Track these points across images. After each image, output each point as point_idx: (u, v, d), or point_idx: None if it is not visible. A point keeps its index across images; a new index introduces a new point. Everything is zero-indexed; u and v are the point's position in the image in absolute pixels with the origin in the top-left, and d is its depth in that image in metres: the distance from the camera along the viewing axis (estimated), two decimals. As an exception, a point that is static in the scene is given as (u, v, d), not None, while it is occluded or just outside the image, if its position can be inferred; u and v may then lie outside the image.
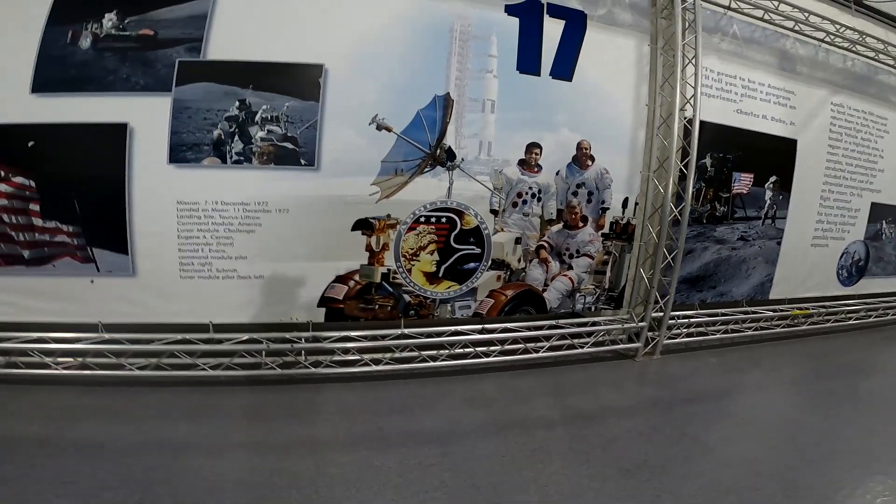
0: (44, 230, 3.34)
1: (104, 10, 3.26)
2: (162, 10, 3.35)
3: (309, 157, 3.53)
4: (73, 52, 3.24)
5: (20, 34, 3.20)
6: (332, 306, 3.79)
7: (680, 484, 2.62)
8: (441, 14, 3.72)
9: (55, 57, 3.22)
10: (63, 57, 3.24)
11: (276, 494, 2.46)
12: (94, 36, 3.26)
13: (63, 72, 3.23)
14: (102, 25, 3.27)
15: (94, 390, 3.38)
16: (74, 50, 3.24)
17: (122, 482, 2.45)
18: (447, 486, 2.62)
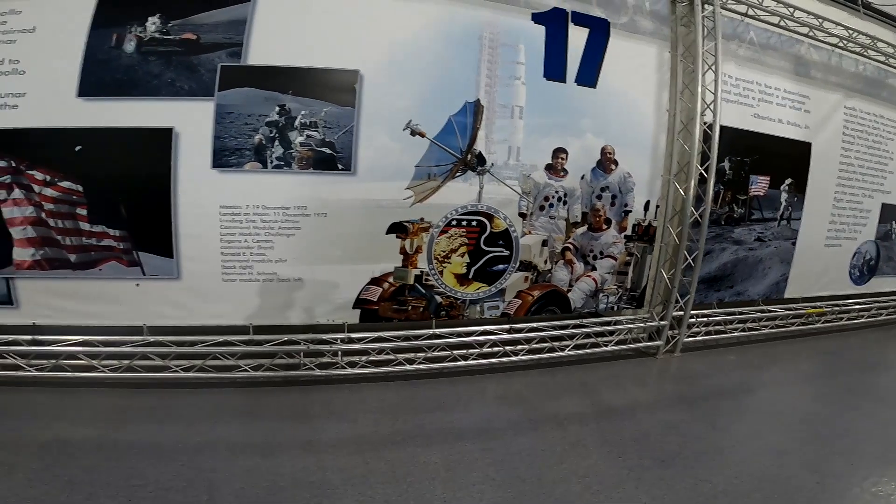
0: (91, 234, 3.46)
1: (147, 14, 3.38)
2: (203, 14, 3.46)
3: (346, 161, 3.67)
4: (118, 55, 3.35)
5: (65, 37, 3.30)
6: (367, 308, 3.94)
7: (716, 473, 2.79)
8: (471, 22, 3.87)
9: (100, 60, 3.33)
10: (108, 61, 3.34)
11: (333, 492, 2.58)
12: (139, 39, 3.37)
13: (109, 76, 3.34)
14: (146, 29, 3.38)
15: (140, 392, 3.51)
16: (119, 53, 3.35)
17: (187, 484, 2.56)
18: (493, 479, 2.77)
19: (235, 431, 3.11)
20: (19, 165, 3.32)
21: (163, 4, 3.40)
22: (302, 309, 3.83)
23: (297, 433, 3.14)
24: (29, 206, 3.36)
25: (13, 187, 3.34)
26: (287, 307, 3.80)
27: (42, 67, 3.30)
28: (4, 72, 3.28)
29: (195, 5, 3.44)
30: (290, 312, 3.81)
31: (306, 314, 3.84)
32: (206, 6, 3.45)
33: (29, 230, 3.39)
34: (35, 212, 3.37)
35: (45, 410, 3.21)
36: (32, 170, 3.34)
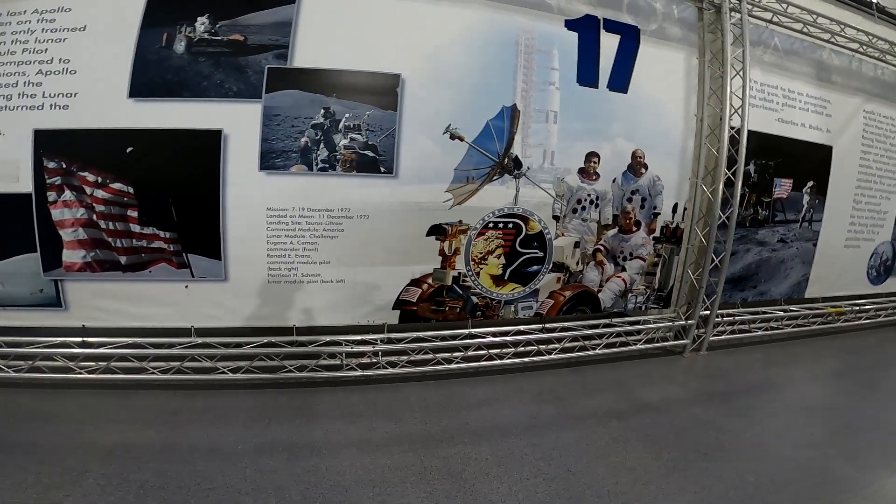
0: (141, 236, 3.57)
1: (196, 14, 3.48)
2: (250, 15, 3.55)
3: (388, 164, 3.81)
4: (169, 55, 3.45)
5: (116, 36, 3.40)
6: (407, 308, 4.10)
7: (759, 464, 2.97)
8: (507, 28, 4.02)
9: (151, 61, 3.43)
10: (158, 61, 3.44)
11: (395, 489, 2.69)
12: (188, 40, 3.47)
13: (159, 76, 3.44)
14: (196, 29, 3.47)
15: (190, 394, 3.61)
16: (169, 54, 3.45)
17: (254, 486, 2.64)
18: (544, 472, 2.92)
19: (289, 432, 3.22)
20: (70, 167, 3.42)
21: (211, 4, 3.49)
22: (344, 310, 3.96)
23: (349, 433, 3.26)
24: (80, 208, 3.47)
25: (64, 189, 3.44)
26: (329, 308, 3.93)
27: (93, 67, 3.39)
28: (55, 71, 3.38)
29: (242, 6, 3.54)
30: (333, 314, 3.94)
31: (348, 315, 3.98)
32: (253, 7, 3.55)
33: (80, 232, 3.49)
34: (86, 213, 3.48)
35: (101, 413, 3.31)
36: (84, 171, 3.44)
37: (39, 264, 3.50)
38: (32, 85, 3.36)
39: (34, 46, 3.38)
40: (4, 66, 3.36)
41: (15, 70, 3.36)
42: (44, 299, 3.56)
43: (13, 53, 3.37)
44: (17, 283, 3.52)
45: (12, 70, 3.36)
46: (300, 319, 3.88)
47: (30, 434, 3.00)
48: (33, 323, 3.58)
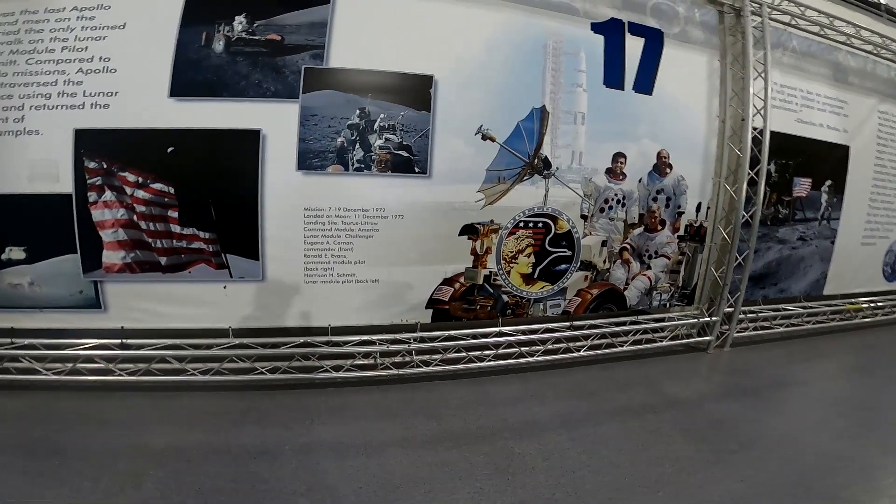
0: (181, 237, 3.63)
1: (234, 13, 3.54)
2: (286, 14, 3.62)
3: (422, 164, 3.90)
4: (208, 55, 3.51)
5: (156, 35, 3.46)
6: (439, 307, 4.19)
7: (798, 455, 3.09)
8: (535, 31, 4.14)
9: (191, 60, 3.49)
10: (198, 60, 3.50)
11: (444, 485, 2.77)
12: (227, 39, 3.53)
13: (199, 76, 3.50)
14: (234, 28, 3.54)
15: (230, 395, 3.68)
16: (209, 53, 3.51)
17: (308, 488, 2.68)
18: (588, 465, 3.02)
19: (332, 432, 3.29)
20: (111, 167, 3.47)
21: (247, 3, 3.56)
22: (378, 309, 4.05)
23: (391, 431, 3.33)
24: (121, 209, 3.52)
25: (104, 189, 3.49)
26: (364, 308, 4.01)
27: (133, 66, 3.44)
28: (95, 70, 3.43)
29: (278, 6, 3.61)
30: (367, 313, 4.02)
31: (382, 315, 4.06)
32: (288, 7, 3.63)
33: (120, 233, 3.55)
34: (127, 214, 3.53)
35: (145, 416, 3.36)
36: (125, 171, 3.49)
37: (79, 265, 3.54)
38: (73, 84, 3.41)
39: (74, 44, 3.42)
40: (43, 65, 3.41)
41: (54, 69, 3.41)
42: (83, 301, 3.61)
43: (52, 52, 3.41)
44: (56, 284, 3.57)
45: (52, 69, 3.41)
46: (335, 319, 3.95)
47: (78, 438, 3.05)
48: (73, 325, 3.64)
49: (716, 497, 2.70)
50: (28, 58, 3.41)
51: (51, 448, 2.92)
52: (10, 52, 3.41)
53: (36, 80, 3.41)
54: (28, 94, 3.40)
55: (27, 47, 3.41)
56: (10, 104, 3.40)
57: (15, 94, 3.40)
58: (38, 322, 3.61)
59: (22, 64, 3.41)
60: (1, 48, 3.40)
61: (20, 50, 3.41)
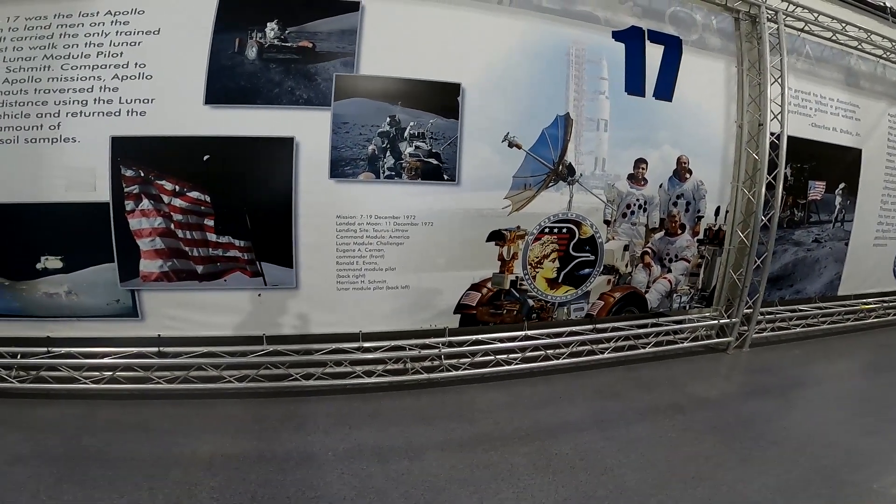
0: (217, 245, 3.71)
1: (266, 19, 3.61)
2: (317, 22, 3.70)
3: (451, 172, 4.02)
4: (241, 61, 3.57)
5: (190, 41, 3.51)
6: (467, 312, 4.32)
7: (828, 450, 3.23)
8: (559, 39, 4.27)
9: (225, 67, 3.55)
10: (232, 67, 3.57)
11: (488, 486, 2.86)
12: (259, 45, 3.60)
13: (233, 83, 3.57)
14: (266, 35, 3.61)
15: (266, 402, 3.76)
16: (242, 60, 3.57)
17: (357, 493, 2.76)
18: (625, 463, 3.13)
19: (372, 436, 3.38)
20: (148, 175, 3.55)
21: (279, 10, 3.63)
22: (407, 315, 4.16)
23: (429, 435, 3.43)
24: (158, 217, 3.60)
25: (141, 197, 3.56)
26: (394, 314, 4.12)
27: (169, 72, 3.50)
28: (131, 76, 3.48)
29: (309, 13, 3.69)
30: (397, 319, 4.13)
31: (411, 320, 4.18)
32: (319, 14, 3.70)
33: (157, 241, 3.64)
34: (164, 223, 3.61)
35: (186, 424, 3.43)
36: (162, 179, 3.57)
37: (116, 274, 3.62)
38: (109, 90, 3.46)
39: (109, 50, 3.46)
40: (79, 70, 3.44)
41: (90, 74, 3.45)
42: (120, 310, 3.69)
43: (87, 57, 3.45)
44: (93, 293, 3.65)
45: (87, 74, 3.45)
46: (366, 325, 4.05)
47: (125, 447, 3.11)
48: (109, 334, 3.73)
49: (755, 491, 2.83)
50: (63, 63, 3.44)
51: (100, 457, 2.99)
52: (45, 58, 3.43)
53: (72, 87, 3.45)
54: (64, 101, 3.45)
55: (62, 52, 3.44)
56: (45, 111, 3.44)
57: (50, 100, 3.44)
58: (74, 331, 3.69)
59: (57, 69, 3.44)
60: (34, 53, 3.43)
61: (55, 55, 3.44)
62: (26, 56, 3.44)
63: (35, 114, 3.44)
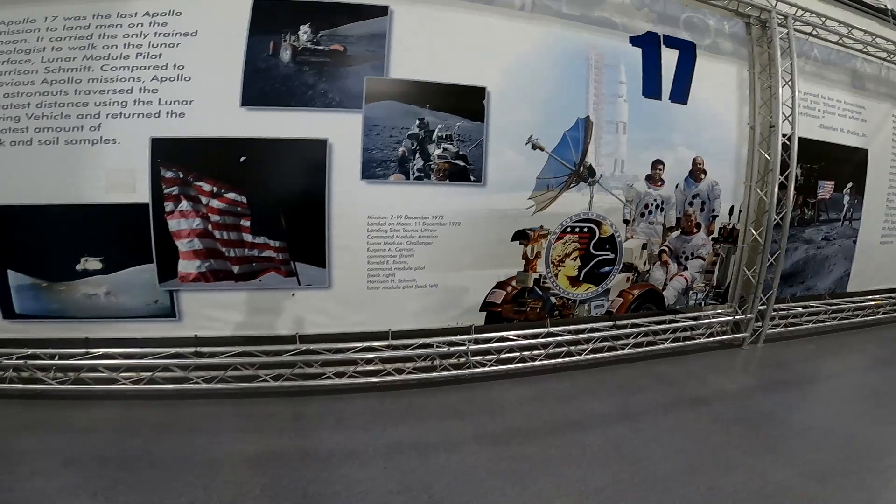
0: (253, 245, 3.81)
1: (298, 23, 3.72)
2: (348, 25, 3.80)
3: (477, 173, 4.15)
4: (276, 64, 3.68)
5: (226, 43, 3.60)
6: (492, 310, 4.45)
7: (851, 441, 3.38)
8: (578, 45, 4.42)
9: (260, 70, 3.65)
10: (267, 70, 3.66)
11: (527, 477, 2.97)
12: (293, 48, 3.71)
13: (268, 85, 3.66)
14: (299, 38, 3.71)
15: (301, 400, 3.85)
16: (276, 62, 3.68)
17: (402, 487, 2.84)
18: (657, 453, 3.26)
19: (408, 432, 3.48)
20: (187, 176, 3.65)
21: (311, 14, 3.73)
22: (435, 313, 4.28)
23: (462, 429, 3.53)
24: (196, 218, 3.69)
25: (180, 199, 3.65)
26: (422, 312, 4.24)
27: (206, 74, 3.58)
28: (170, 77, 3.56)
29: (340, 16, 3.79)
30: (425, 317, 4.25)
31: (439, 318, 4.30)
32: (349, 18, 3.81)
33: (195, 242, 3.73)
34: (202, 224, 3.71)
35: (227, 423, 3.51)
36: (200, 181, 3.67)
37: (155, 275, 3.72)
38: (148, 91, 3.54)
39: (148, 51, 3.53)
40: (119, 72, 3.51)
41: (130, 75, 3.52)
42: (158, 310, 3.78)
43: (126, 58, 3.52)
44: (132, 294, 3.74)
45: (127, 75, 3.51)
46: (396, 323, 4.17)
47: (171, 447, 3.17)
48: (148, 334, 3.80)
49: (788, 477, 2.97)
50: (103, 64, 3.51)
51: (149, 458, 3.05)
52: (84, 58, 3.49)
53: (111, 88, 3.52)
54: (104, 102, 3.52)
55: (101, 52, 3.50)
56: (85, 111, 3.50)
57: (90, 101, 3.51)
58: (113, 332, 3.77)
59: (97, 70, 3.51)
60: (74, 53, 3.49)
61: (94, 56, 3.50)
62: (66, 56, 3.51)
63: (75, 115, 3.51)
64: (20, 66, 3.51)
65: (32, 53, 3.52)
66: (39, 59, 3.51)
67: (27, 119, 3.51)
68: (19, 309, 3.69)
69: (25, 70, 3.51)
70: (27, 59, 3.52)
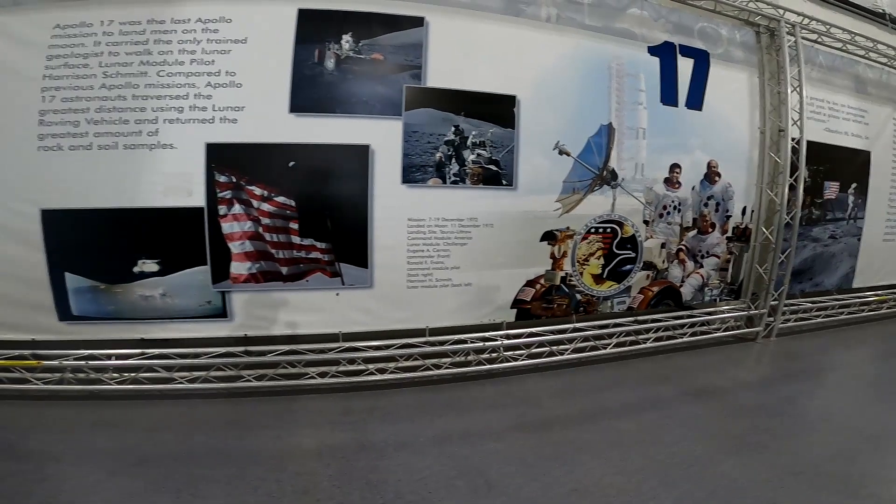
0: (301, 247, 4.05)
1: (340, 32, 3.94)
2: (387, 35, 4.04)
3: (508, 177, 4.43)
4: (321, 72, 3.90)
5: (275, 50, 3.81)
6: (522, 307, 4.72)
7: (871, 423, 3.66)
8: (601, 55, 4.73)
9: (307, 76, 3.87)
10: (313, 77, 3.89)
11: (574, 458, 3.19)
12: (336, 57, 3.94)
13: (315, 92, 3.89)
14: (342, 47, 3.94)
15: (348, 396, 4.07)
16: (322, 70, 3.91)
17: (458, 472, 3.01)
18: (690, 436, 3.51)
19: (454, 422, 3.69)
20: (240, 181, 3.87)
21: (352, 24, 3.97)
22: (469, 310, 4.54)
23: (504, 419, 3.75)
24: (248, 221, 3.91)
25: (233, 202, 3.88)
26: (458, 309, 4.49)
27: (257, 81, 3.80)
28: (223, 84, 3.78)
29: (379, 26, 4.03)
30: (460, 314, 4.51)
31: (473, 315, 4.56)
32: (388, 28, 4.06)
33: (247, 244, 3.95)
34: (253, 226, 3.93)
35: (282, 418, 3.69)
36: (252, 185, 3.89)
37: (209, 276, 3.94)
38: (203, 98, 3.75)
39: (202, 57, 3.74)
40: (175, 78, 3.72)
41: (185, 81, 3.73)
42: (211, 311, 4.00)
43: (181, 64, 3.72)
44: (187, 295, 3.95)
45: (182, 81, 3.72)
46: (432, 321, 4.42)
47: (236, 443, 3.32)
48: (200, 334, 4.01)
49: (816, 456, 3.24)
50: (159, 69, 3.70)
51: (219, 454, 3.18)
52: (141, 63, 3.69)
53: (168, 93, 3.71)
54: (161, 108, 3.72)
55: (157, 58, 3.70)
56: (143, 117, 3.70)
57: (148, 106, 3.70)
58: (167, 332, 3.98)
59: (153, 76, 3.70)
60: (131, 59, 3.68)
61: (150, 61, 3.69)
62: (123, 62, 3.70)
63: (134, 120, 3.71)
64: (78, 70, 3.69)
65: (90, 58, 3.69)
66: (97, 64, 3.69)
67: (86, 124, 3.70)
68: (77, 311, 3.88)
69: (84, 75, 3.70)
70: (85, 64, 3.69)
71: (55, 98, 3.67)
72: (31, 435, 3.39)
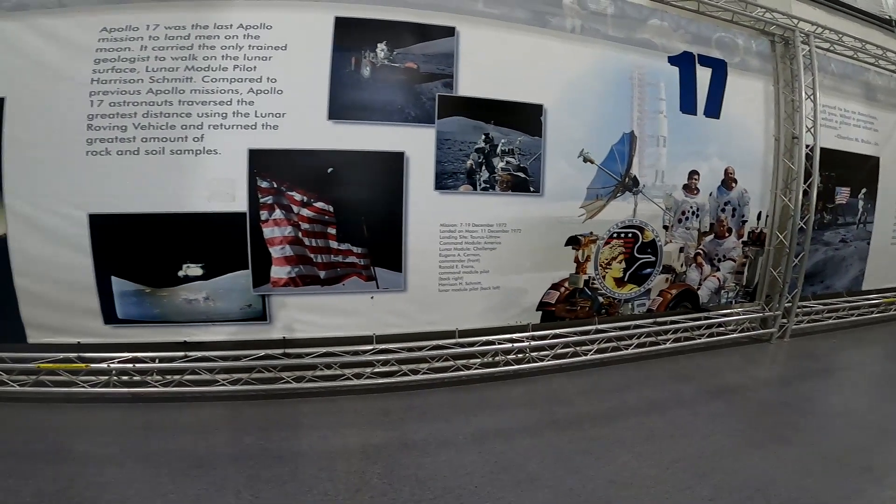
0: (338, 252, 4.22)
1: (375, 41, 4.09)
2: (420, 45, 4.20)
3: (536, 184, 4.64)
4: (358, 80, 4.06)
5: (313, 57, 3.92)
6: (547, 309, 4.93)
7: (888, 418, 3.91)
8: (623, 65, 4.94)
9: (344, 84, 4.00)
10: (350, 84, 4.02)
11: (607, 454, 3.35)
12: (372, 65, 4.09)
13: (351, 99, 4.03)
14: (377, 55, 4.09)
15: (383, 397, 4.23)
16: (359, 78, 4.06)
17: (501, 467, 3.15)
18: (718, 431, 3.71)
19: (489, 421, 3.86)
20: (281, 186, 4.03)
21: (386, 33, 4.12)
22: (497, 313, 4.74)
23: (537, 417, 3.94)
24: (288, 226, 4.07)
25: (274, 208, 4.03)
26: (486, 312, 4.69)
27: (297, 87, 3.92)
28: (265, 90, 3.90)
29: (412, 36, 4.18)
30: (489, 316, 4.70)
31: (500, 317, 4.75)
32: (420, 37, 4.21)
33: (287, 249, 4.12)
34: (293, 231, 4.09)
35: (324, 419, 3.84)
36: (292, 191, 4.04)
37: (250, 280, 4.11)
38: (245, 104, 3.85)
39: (244, 63, 3.84)
40: (219, 83, 3.82)
41: (229, 87, 3.83)
42: (251, 314, 4.16)
43: (225, 70, 3.82)
44: (229, 298, 4.10)
45: (226, 87, 3.82)
46: (462, 323, 4.61)
47: (284, 443, 3.44)
48: (240, 337, 4.17)
49: (841, 448, 3.45)
50: (204, 75, 3.79)
51: (270, 455, 3.29)
52: (186, 69, 3.78)
53: (212, 99, 3.80)
54: (206, 113, 3.81)
55: (202, 64, 3.79)
56: (189, 122, 3.78)
57: (193, 112, 3.79)
58: (209, 335, 4.13)
59: (199, 81, 3.79)
60: (177, 63, 3.77)
61: (195, 67, 3.78)
62: (169, 66, 3.80)
63: (180, 125, 3.81)
64: (126, 74, 3.78)
65: (137, 62, 3.79)
66: (144, 69, 3.79)
67: (134, 129, 3.80)
68: (122, 314, 4.02)
69: (131, 79, 3.78)
70: (132, 68, 3.79)
71: (103, 102, 3.77)
72: (84, 437, 3.51)
